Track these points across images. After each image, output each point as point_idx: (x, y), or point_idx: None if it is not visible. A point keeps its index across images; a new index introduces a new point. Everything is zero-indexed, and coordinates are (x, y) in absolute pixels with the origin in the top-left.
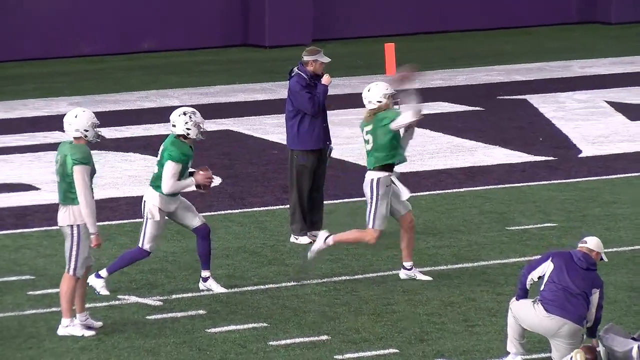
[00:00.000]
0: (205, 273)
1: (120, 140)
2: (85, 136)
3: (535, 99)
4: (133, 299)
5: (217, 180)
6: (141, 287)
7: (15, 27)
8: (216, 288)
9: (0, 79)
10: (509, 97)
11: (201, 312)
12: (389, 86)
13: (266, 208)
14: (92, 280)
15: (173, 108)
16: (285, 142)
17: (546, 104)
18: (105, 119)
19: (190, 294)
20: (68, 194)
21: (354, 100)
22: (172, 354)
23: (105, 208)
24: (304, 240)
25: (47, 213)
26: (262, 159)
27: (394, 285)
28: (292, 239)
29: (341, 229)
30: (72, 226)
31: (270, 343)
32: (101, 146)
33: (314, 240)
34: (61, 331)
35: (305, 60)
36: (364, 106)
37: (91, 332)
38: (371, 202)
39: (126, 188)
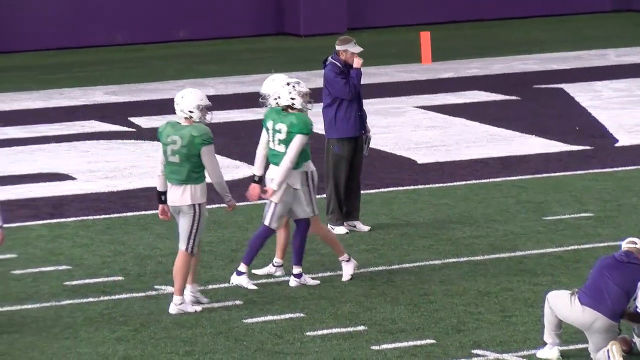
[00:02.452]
0: (296, 269)
1: (157, 129)
2: (190, 117)
3: (571, 88)
4: (170, 289)
5: None
6: None
7: (50, 16)
8: (309, 281)
9: (35, 67)
10: (545, 86)
11: (238, 302)
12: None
13: None
14: (235, 279)
15: (210, 97)
16: (320, 131)
17: (582, 93)
18: (141, 108)
19: (226, 284)
20: (192, 174)
21: (388, 89)
22: (209, 344)
23: (142, 197)
24: (340, 230)
25: (84, 203)
26: None
27: (430, 275)
28: (329, 228)
29: (376, 219)
30: (193, 205)
31: (307, 333)
32: (138, 135)
33: (351, 230)
34: (173, 309)
35: (337, 49)
36: (395, 95)
37: (199, 308)
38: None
39: None
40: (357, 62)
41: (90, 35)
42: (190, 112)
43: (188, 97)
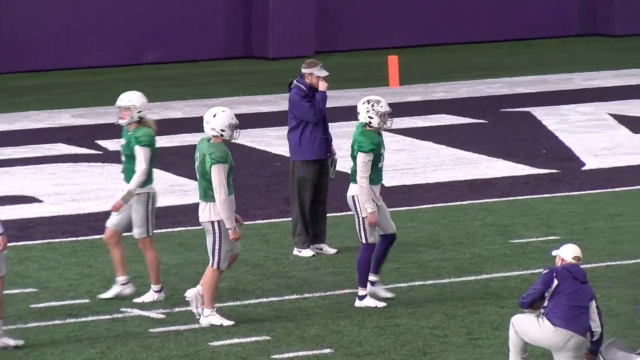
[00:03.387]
0: (372, 277)
1: None
2: (222, 135)
3: (538, 112)
4: (136, 311)
5: None
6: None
7: (16, 39)
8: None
9: (0, 91)
10: (512, 109)
11: (204, 325)
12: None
13: (269, 220)
14: (360, 303)
15: (176, 120)
16: (286, 154)
17: (549, 117)
18: (108, 131)
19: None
20: (208, 191)
21: (355, 113)
22: None
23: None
24: (306, 252)
25: (50, 225)
26: (265, 171)
27: (397, 298)
28: (295, 251)
29: (343, 242)
30: (213, 222)
31: (273, 356)
32: (105, 158)
33: (318, 253)
34: (203, 321)
35: (303, 72)
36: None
37: (230, 322)
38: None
39: None
40: (322, 86)
41: (57, 59)
42: (222, 130)
43: (220, 115)
